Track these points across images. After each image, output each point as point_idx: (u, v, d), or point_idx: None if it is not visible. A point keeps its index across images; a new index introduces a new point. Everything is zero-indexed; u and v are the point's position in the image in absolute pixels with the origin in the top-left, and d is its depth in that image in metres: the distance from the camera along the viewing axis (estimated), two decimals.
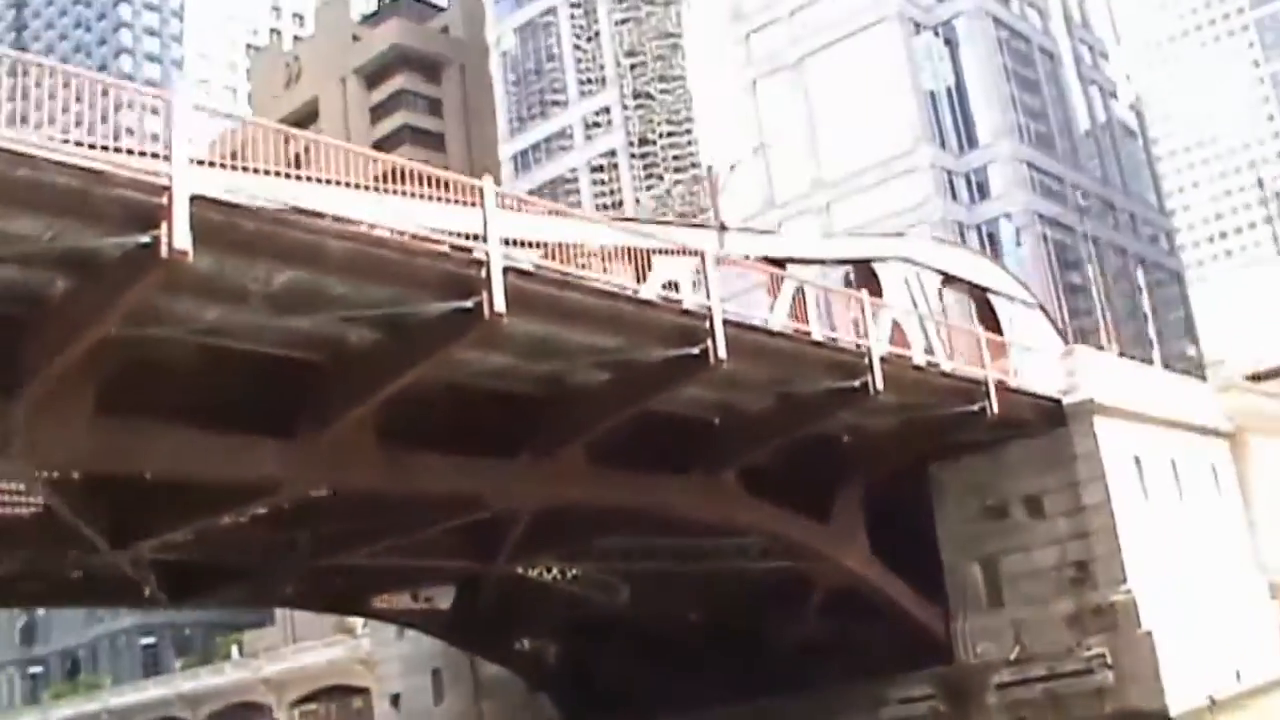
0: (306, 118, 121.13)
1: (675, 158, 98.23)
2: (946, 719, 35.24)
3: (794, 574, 35.63)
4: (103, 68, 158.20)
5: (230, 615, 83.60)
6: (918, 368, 31.29)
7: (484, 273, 21.03)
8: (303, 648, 72.35)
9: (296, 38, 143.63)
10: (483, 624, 40.66)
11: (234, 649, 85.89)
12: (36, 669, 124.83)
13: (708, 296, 25.34)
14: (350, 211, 21.41)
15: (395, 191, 23.04)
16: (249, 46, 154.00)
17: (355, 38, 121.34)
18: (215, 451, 22.71)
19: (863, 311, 29.44)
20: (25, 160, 16.42)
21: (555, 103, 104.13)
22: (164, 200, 17.28)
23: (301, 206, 20.11)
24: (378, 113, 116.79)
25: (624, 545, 35.24)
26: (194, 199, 17.53)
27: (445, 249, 21.14)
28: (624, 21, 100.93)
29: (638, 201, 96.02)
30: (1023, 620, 34.73)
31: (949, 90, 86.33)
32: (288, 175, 21.50)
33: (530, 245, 25.57)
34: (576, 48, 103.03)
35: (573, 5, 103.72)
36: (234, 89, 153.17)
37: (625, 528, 32.90)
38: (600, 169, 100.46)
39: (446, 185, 22.54)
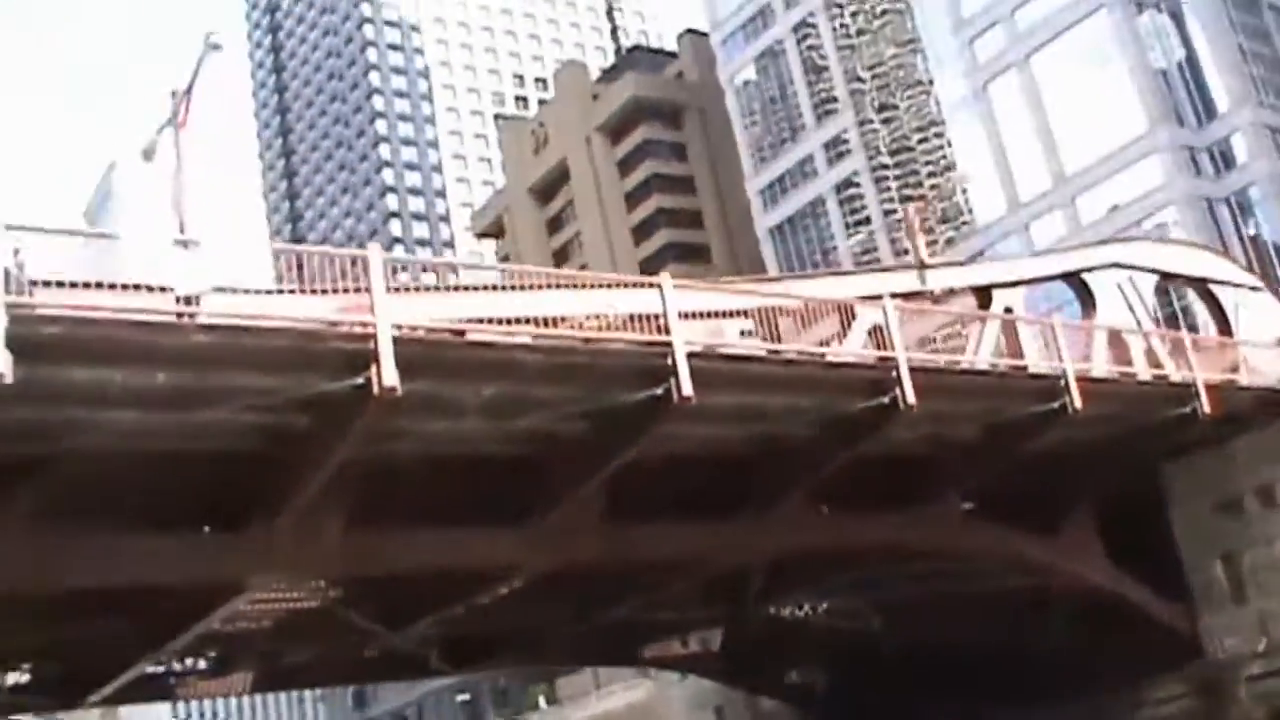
0: (558, 179, 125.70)
1: (928, 163, 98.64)
2: (1201, 716, 35.80)
3: (1035, 588, 36.70)
4: (364, 159, 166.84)
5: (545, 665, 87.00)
6: (1117, 380, 32.25)
7: (670, 361, 23.22)
8: (606, 693, 75.37)
9: (542, 102, 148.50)
10: (751, 662, 42.80)
11: (540, 699, 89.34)
12: None
13: (891, 345, 26.95)
14: (549, 309, 24.28)
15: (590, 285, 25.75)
16: (497, 117, 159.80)
17: (595, 96, 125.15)
18: (455, 545, 25.57)
19: (1054, 335, 30.62)
20: (248, 331, 19.37)
21: (795, 132, 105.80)
22: (370, 345, 19.96)
23: (491, 330, 22.85)
24: (625, 166, 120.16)
25: (865, 577, 36.88)
26: (397, 340, 20.16)
27: (630, 347, 23.46)
28: (860, 34, 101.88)
29: (887, 215, 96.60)
30: (1268, 612, 35.06)
31: (1180, 65, 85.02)
32: (479, 288, 24.45)
33: (737, 315, 28.11)
34: (809, 71, 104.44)
35: (798, 36, 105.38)
36: (488, 159, 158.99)
37: (859, 564, 34.60)
38: (852, 183, 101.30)
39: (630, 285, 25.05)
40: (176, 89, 25.30)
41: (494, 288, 25.46)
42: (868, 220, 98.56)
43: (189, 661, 34.86)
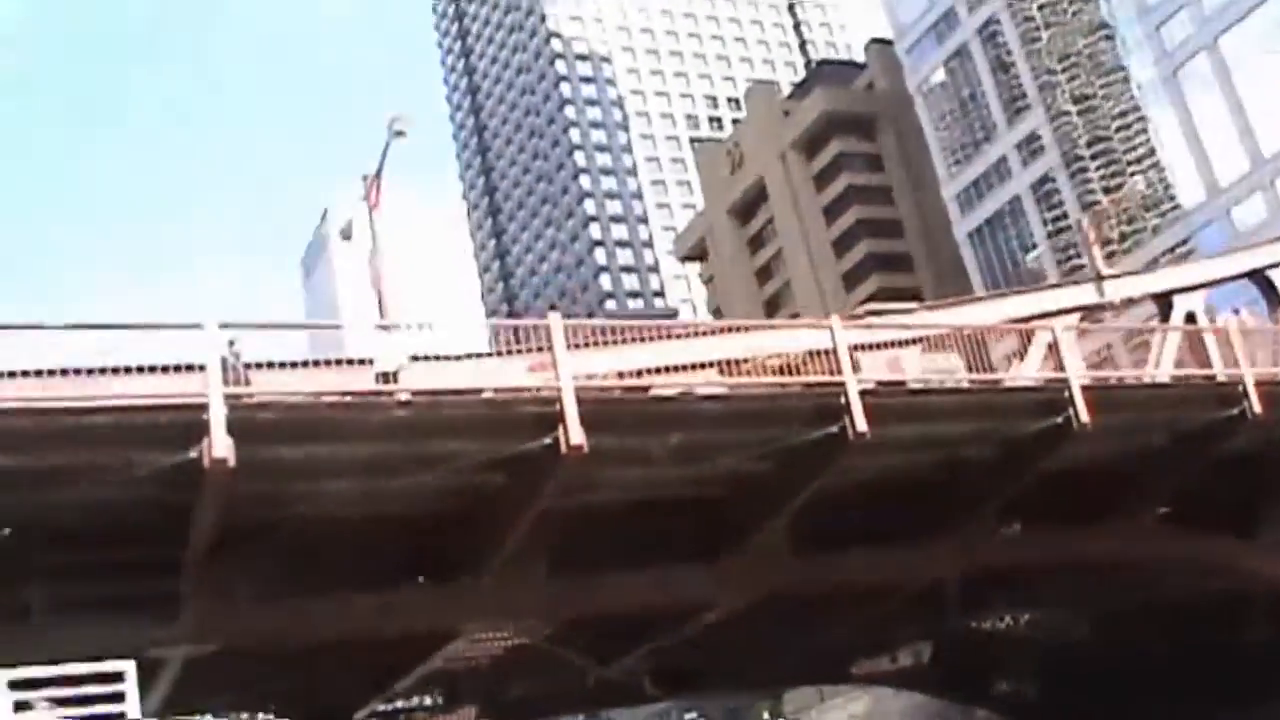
0: (756, 199, 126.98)
1: (1129, 151, 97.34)
2: None
3: (1236, 589, 36.71)
4: (565, 191, 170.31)
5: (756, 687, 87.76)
6: None
7: (843, 400, 24.34)
8: (829, 706, 75.97)
9: (735, 121, 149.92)
10: (960, 674, 43.41)
11: (765, 714, 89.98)
12: None
13: (1062, 367, 27.61)
14: (730, 352, 25.87)
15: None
16: (692, 140, 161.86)
17: (786, 113, 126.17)
18: (653, 584, 27.02)
19: (1229, 341, 30.86)
20: (443, 403, 21.19)
21: (987, 134, 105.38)
22: (556, 408, 21.56)
23: (674, 380, 24.35)
24: (821, 180, 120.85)
25: (1065, 587, 37.26)
26: (580, 401, 21.70)
27: (804, 389, 24.67)
28: (1048, 25, 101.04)
29: (1087, 208, 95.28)
30: None
31: None
32: (661, 337, 25.92)
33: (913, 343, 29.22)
34: (997, 71, 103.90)
35: (983, 37, 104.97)
36: (687, 182, 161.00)
37: (1055, 576, 35.07)
38: (1049, 179, 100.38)
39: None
40: (367, 173, 27.22)
41: (674, 335, 26.90)
42: (1065, 216, 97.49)
43: (418, 699, 36.94)
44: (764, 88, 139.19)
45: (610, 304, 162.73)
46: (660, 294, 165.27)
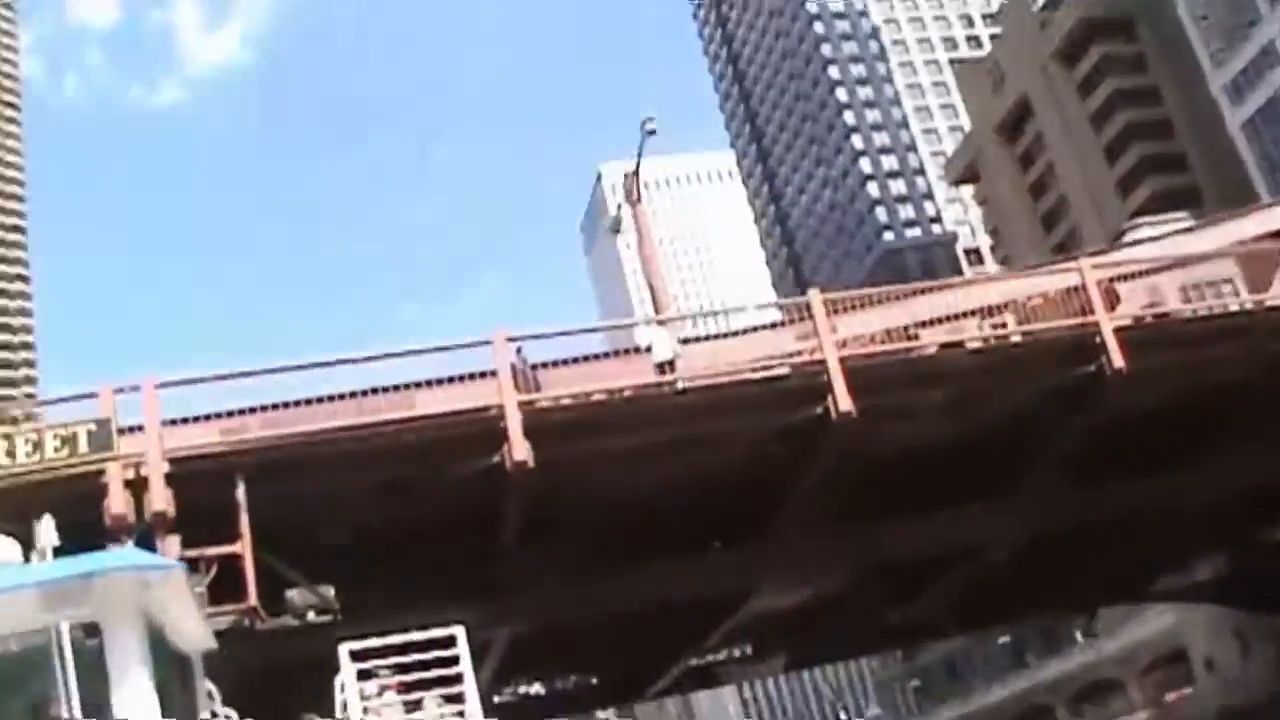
0: (1021, 115, 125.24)
1: None
2: None
3: None
4: (831, 129, 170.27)
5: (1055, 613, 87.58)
6: None
7: (1098, 339, 25.22)
8: (1137, 622, 75.40)
9: (993, 38, 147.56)
10: (1259, 586, 43.19)
11: (1077, 633, 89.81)
12: (916, 682, 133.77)
13: None
14: (990, 298, 27.02)
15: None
16: (952, 62, 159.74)
17: (1043, 25, 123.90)
18: (936, 528, 28.31)
19: None
20: (718, 387, 23.00)
21: (1250, 20, 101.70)
22: (824, 379, 23.09)
23: (939, 330, 25.65)
24: (1086, 88, 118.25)
25: None
26: (845, 370, 23.20)
27: (1059, 333, 25.66)
28: None
29: None
30: None
31: None
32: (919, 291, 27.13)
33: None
34: None
35: None
36: (951, 105, 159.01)
37: None
38: None
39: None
40: (628, 171, 29.09)
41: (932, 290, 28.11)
42: None
43: (728, 651, 38.95)
44: (1018, 1, 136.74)
45: (888, 235, 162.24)
46: (937, 220, 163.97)
